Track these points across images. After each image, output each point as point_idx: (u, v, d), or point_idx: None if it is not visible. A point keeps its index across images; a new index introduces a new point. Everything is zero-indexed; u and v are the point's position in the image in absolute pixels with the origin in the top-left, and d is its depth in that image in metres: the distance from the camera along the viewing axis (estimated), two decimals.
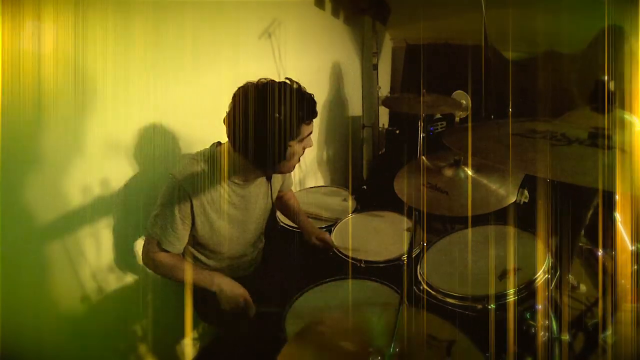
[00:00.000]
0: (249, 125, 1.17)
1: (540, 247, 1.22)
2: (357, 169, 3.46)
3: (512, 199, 1.28)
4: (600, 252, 1.51)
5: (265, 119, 1.15)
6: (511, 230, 1.41)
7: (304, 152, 1.30)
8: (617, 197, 1.33)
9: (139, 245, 1.33)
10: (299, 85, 1.22)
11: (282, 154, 1.22)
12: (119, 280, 1.38)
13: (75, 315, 1.24)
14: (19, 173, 1.06)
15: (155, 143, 1.42)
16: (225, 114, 1.23)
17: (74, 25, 1.11)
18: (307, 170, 2.63)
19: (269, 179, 1.43)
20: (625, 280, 1.31)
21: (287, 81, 1.21)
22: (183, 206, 1.22)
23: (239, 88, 1.21)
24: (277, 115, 1.15)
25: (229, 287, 1.25)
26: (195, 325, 1.62)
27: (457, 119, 3.09)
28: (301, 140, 1.26)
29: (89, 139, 1.21)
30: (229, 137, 1.23)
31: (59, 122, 1.12)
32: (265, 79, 1.20)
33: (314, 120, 1.28)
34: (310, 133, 1.28)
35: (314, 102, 1.25)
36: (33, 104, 1.04)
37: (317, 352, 0.92)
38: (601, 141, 0.81)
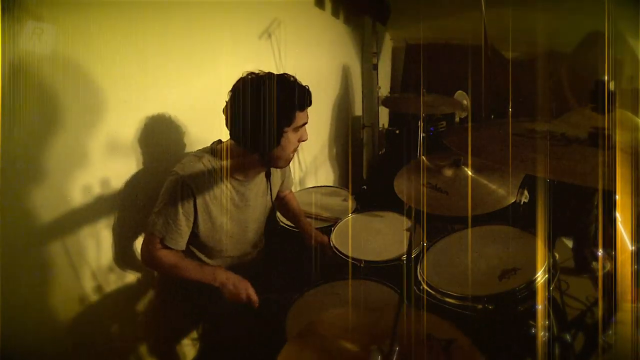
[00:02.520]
0: (246, 110, 1.19)
1: (540, 247, 1.22)
2: (357, 169, 3.46)
3: (512, 199, 1.28)
4: (600, 252, 1.51)
5: (261, 104, 1.18)
6: (511, 230, 1.40)
7: (299, 144, 1.32)
8: (617, 197, 1.32)
9: (139, 244, 1.33)
10: (295, 78, 1.26)
11: (277, 139, 1.24)
12: (119, 280, 1.38)
13: (75, 314, 1.24)
14: (19, 173, 1.06)
15: (155, 142, 1.42)
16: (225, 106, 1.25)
17: (76, 26, 1.11)
18: (307, 170, 2.63)
19: (267, 176, 1.43)
20: (625, 280, 1.31)
21: (285, 75, 1.25)
22: (186, 202, 1.23)
23: (239, 79, 1.24)
24: (273, 100, 1.18)
25: (231, 281, 1.26)
26: (195, 325, 1.62)
27: (457, 119, 3.09)
28: (296, 130, 1.27)
29: (90, 139, 1.21)
30: (227, 125, 1.26)
31: (60, 122, 1.12)
32: (262, 71, 1.25)
33: (313, 120, 1.30)
34: (305, 123, 1.30)
35: (309, 92, 1.28)
36: (33, 104, 1.04)
37: (317, 353, 0.92)
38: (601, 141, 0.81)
